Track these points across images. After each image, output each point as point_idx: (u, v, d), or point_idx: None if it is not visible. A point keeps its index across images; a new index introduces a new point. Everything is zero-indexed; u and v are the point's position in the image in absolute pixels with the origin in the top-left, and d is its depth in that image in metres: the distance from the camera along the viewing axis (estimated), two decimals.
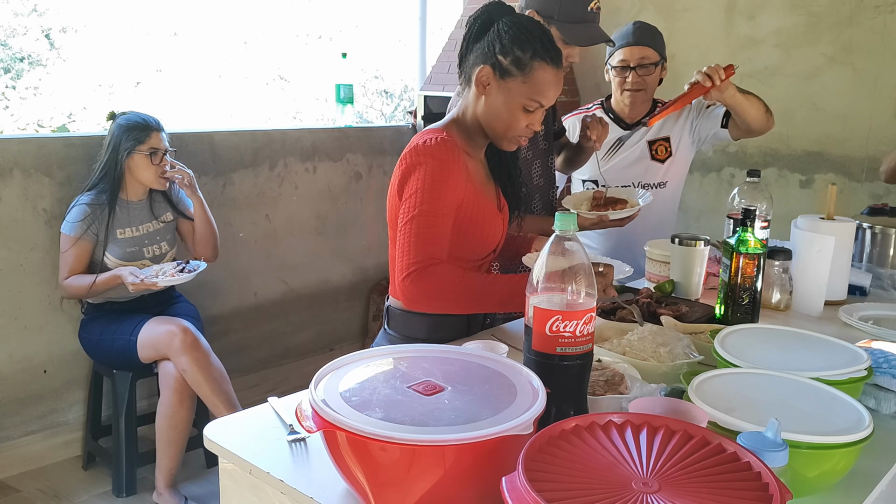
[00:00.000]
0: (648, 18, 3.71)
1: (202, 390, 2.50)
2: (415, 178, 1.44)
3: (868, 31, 3.06)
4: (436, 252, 1.42)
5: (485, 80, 1.47)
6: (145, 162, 2.57)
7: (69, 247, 2.52)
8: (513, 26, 1.46)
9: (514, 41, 1.44)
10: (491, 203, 1.58)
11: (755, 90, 2.09)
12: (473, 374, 1.03)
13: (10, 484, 2.69)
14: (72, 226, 2.52)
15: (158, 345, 2.51)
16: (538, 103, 1.47)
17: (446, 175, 1.43)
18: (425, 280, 1.40)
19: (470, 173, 1.51)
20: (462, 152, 1.49)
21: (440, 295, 1.43)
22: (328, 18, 12.66)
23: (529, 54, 1.44)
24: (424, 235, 1.41)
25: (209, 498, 2.64)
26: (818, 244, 1.80)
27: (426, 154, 1.44)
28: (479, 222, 1.53)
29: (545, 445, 0.82)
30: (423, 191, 1.42)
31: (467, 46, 1.52)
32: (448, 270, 1.43)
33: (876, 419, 1.04)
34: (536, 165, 2.14)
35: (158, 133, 2.61)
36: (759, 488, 0.75)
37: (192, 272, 2.58)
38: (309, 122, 12.07)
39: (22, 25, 11.15)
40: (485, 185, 1.59)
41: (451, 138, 1.48)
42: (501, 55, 1.45)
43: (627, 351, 1.38)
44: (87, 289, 2.52)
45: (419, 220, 1.42)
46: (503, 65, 1.45)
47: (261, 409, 1.23)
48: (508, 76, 1.45)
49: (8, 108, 10.53)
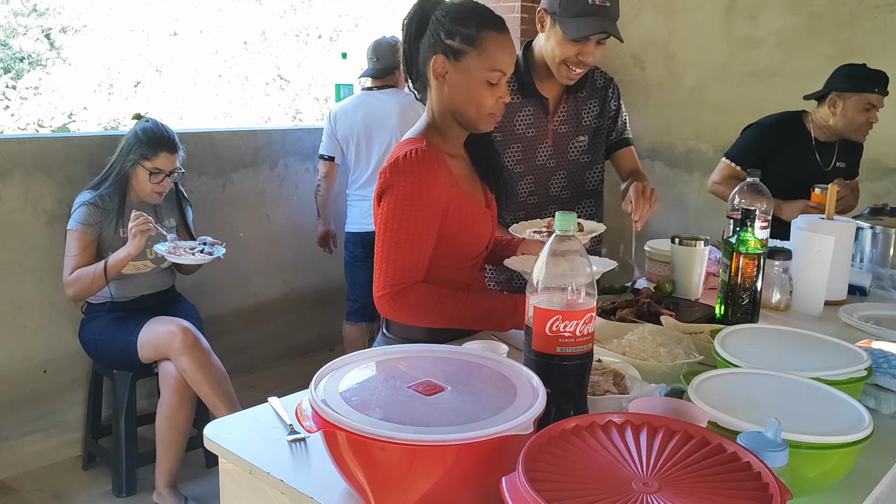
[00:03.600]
0: (648, 18, 3.71)
1: (202, 390, 2.50)
2: (389, 197, 1.44)
3: (868, 31, 3.06)
4: (410, 274, 1.45)
5: (440, 69, 1.47)
6: (144, 177, 2.56)
7: (74, 240, 2.51)
8: (449, 10, 1.47)
9: (456, 21, 1.45)
10: (478, 202, 1.58)
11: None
12: (473, 374, 1.03)
13: (10, 484, 2.69)
14: (77, 222, 2.52)
15: (159, 345, 2.51)
16: (499, 72, 1.46)
17: (424, 192, 1.43)
18: (400, 304, 1.45)
19: (454, 176, 1.50)
20: (443, 157, 1.48)
21: (415, 317, 1.48)
22: (328, 18, 12.66)
23: (475, 27, 1.44)
24: (399, 258, 1.43)
25: (209, 498, 2.64)
26: (818, 244, 1.80)
27: (402, 172, 1.43)
28: (468, 223, 1.53)
29: (545, 445, 0.82)
30: (398, 211, 1.43)
31: (410, 48, 1.51)
32: (423, 292, 1.45)
33: (876, 419, 1.04)
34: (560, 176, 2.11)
35: (169, 155, 2.57)
36: (759, 488, 0.75)
37: (209, 255, 2.56)
38: (309, 122, 12.07)
39: (22, 25, 11.16)
40: (470, 183, 1.59)
41: (430, 145, 1.47)
42: (449, 39, 1.45)
43: (627, 351, 1.38)
44: (93, 278, 2.47)
45: (394, 243, 1.43)
46: (454, 47, 1.45)
47: (261, 409, 1.23)
48: (462, 55, 1.45)
49: (8, 108, 10.54)
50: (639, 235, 1.90)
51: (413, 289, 1.45)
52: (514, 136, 2.02)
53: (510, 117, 2.01)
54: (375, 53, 3.25)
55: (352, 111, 3.22)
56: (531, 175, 2.07)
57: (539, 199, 2.10)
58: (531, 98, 2.02)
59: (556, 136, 2.08)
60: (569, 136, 2.10)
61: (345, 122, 3.22)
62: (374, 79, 3.26)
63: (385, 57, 3.24)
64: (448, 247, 1.50)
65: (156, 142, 2.54)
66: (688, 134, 3.65)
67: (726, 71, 3.47)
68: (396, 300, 1.44)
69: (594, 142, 2.13)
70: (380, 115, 3.18)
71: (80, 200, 2.55)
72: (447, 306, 1.47)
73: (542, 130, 2.05)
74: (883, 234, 2.13)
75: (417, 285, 1.46)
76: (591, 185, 2.17)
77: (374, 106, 3.20)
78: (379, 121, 3.17)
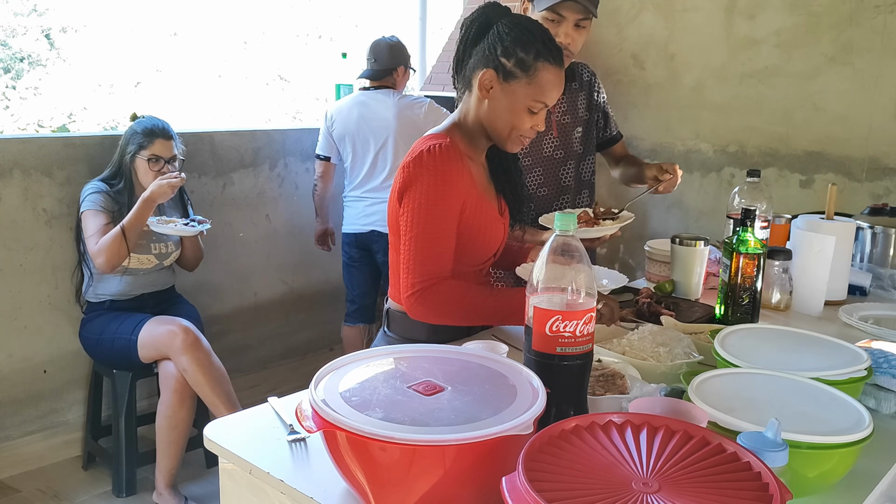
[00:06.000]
0: (648, 18, 3.71)
1: (203, 390, 2.50)
2: (415, 190, 1.42)
3: (868, 31, 3.06)
4: (439, 270, 1.43)
5: (487, 83, 1.45)
6: (145, 167, 2.59)
7: (92, 219, 2.52)
8: (514, 27, 1.44)
9: (517, 43, 1.42)
10: (493, 208, 1.57)
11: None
12: (473, 374, 1.03)
13: (10, 484, 2.69)
14: (92, 202, 2.53)
15: (159, 344, 2.52)
16: (542, 104, 1.45)
17: (448, 187, 1.42)
18: (429, 300, 1.42)
19: (473, 178, 1.50)
20: (464, 157, 1.48)
21: (445, 313, 1.46)
22: (328, 18, 12.66)
23: (532, 55, 1.42)
24: (427, 253, 1.42)
25: (209, 498, 2.64)
26: (818, 244, 1.80)
27: (427, 166, 1.42)
28: (480, 227, 1.52)
29: (545, 445, 0.82)
30: (424, 206, 1.41)
31: (465, 50, 1.49)
32: (451, 288, 1.44)
33: (876, 419, 1.04)
34: (569, 167, 2.15)
35: (164, 141, 2.61)
36: (759, 488, 0.75)
37: (192, 227, 2.62)
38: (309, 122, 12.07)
39: (22, 25, 11.16)
40: (487, 189, 1.59)
41: (454, 144, 1.47)
42: (504, 57, 1.43)
43: (627, 351, 1.38)
44: (120, 239, 2.47)
45: (422, 238, 1.42)
46: (507, 67, 1.43)
47: (261, 409, 1.23)
48: (512, 78, 1.43)
49: (8, 108, 10.54)
50: (639, 235, 1.91)
51: (442, 284, 1.42)
52: None
53: None
54: (373, 54, 3.25)
55: (347, 111, 3.22)
56: (539, 167, 2.10)
57: (549, 191, 2.14)
58: None
59: (561, 127, 2.12)
60: (570, 126, 2.14)
61: (340, 123, 3.22)
62: (372, 79, 3.26)
63: (382, 58, 3.24)
64: (457, 249, 1.49)
65: (149, 131, 2.60)
66: (688, 134, 3.65)
67: (726, 71, 3.47)
68: (426, 297, 1.42)
69: (587, 133, 2.19)
70: (375, 116, 3.17)
71: (92, 188, 2.57)
72: (477, 302, 1.45)
73: (546, 122, 2.07)
74: (882, 234, 2.13)
75: (445, 281, 1.43)
76: (586, 175, 2.22)
77: (369, 107, 3.20)
78: (374, 122, 3.17)
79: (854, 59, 2.73)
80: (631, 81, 3.79)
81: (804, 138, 3.30)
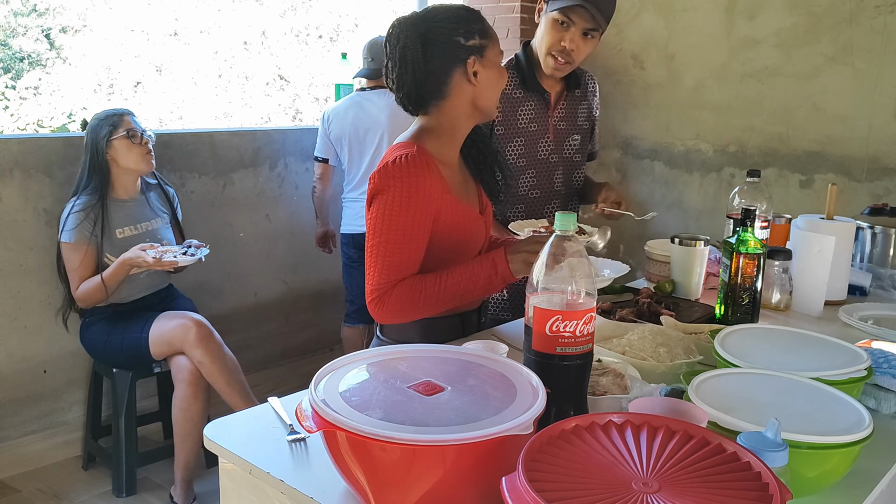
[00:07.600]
0: (648, 18, 3.71)
1: (217, 381, 2.51)
2: (380, 201, 1.43)
3: (868, 31, 3.06)
4: (395, 278, 1.45)
5: (472, 71, 1.48)
6: (126, 144, 2.55)
7: (72, 253, 2.51)
8: (450, 16, 1.47)
9: (466, 22, 1.47)
10: (471, 208, 1.57)
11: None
12: (473, 374, 1.03)
13: (10, 484, 2.69)
14: (70, 233, 2.49)
15: (172, 339, 2.52)
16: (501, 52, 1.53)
17: (413, 199, 1.42)
18: (386, 303, 1.45)
19: (445, 184, 1.48)
20: (434, 163, 1.46)
21: (403, 311, 1.47)
22: (328, 18, 12.66)
23: (477, 21, 1.48)
24: (387, 262, 1.43)
25: (209, 498, 2.64)
26: (818, 244, 1.80)
27: (392, 177, 1.42)
28: (460, 230, 1.52)
29: (545, 445, 0.82)
30: (388, 216, 1.42)
31: (426, 72, 1.46)
32: (404, 286, 1.45)
33: (876, 419, 1.04)
34: (561, 172, 2.15)
35: (130, 117, 2.61)
36: (759, 488, 0.75)
37: (192, 256, 2.56)
38: (309, 122, 12.07)
39: (22, 25, 11.15)
40: (464, 190, 1.58)
41: (422, 151, 1.45)
42: (471, 41, 1.46)
43: (627, 351, 1.38)
44: (100, 288, 2.49)
45: (382, 247, 1.43)
46: (477, 46, 1.47)
47: (261, 409, 1.23)
48: (485, 49, 1.48)
49: (8, 108, 10.53)
50: (638, 235, 1.91)
51: (396, 286, 1.44)
52: (516, 131, 2.05)
53: (513, 111, 2.04)
54: (370, 53, 3.24)
55: (343, 113, 3.22)
56: (533, 169, 2.10)
57: (541, 194, 2.13)
58: (533, 92, 2.05)
59: (557, 132, 2.11)
60: (566, 132, 2.14)
61: (337, 124, 3.21)
62: (369, 79, 3.26)
63: (380, 57, 3.23)
64: (439, 253, 1.49)
65: (112, 113, 2.60)
66: (688, 134, 3.65)
67: (726, 71, 3.47)
68: (383, 302, 1.45)
69: (583, 142, 2.20)
70: (369, 117, 3.17)
71: (66, 212, 2.52)
72: (430, 290, 1.44)
73: (543, 125, 2.08)
74: (882, 234, 2.13)
75: (398, 283, 1.45)
76: (577, 183, 2.22)
77: (364, 108, 3.19)
78: (368, 122, 3.16)
79: (854, 59, 2.73)
80: (631, 81, 3.79)
81: (804, 138, 3.30)
